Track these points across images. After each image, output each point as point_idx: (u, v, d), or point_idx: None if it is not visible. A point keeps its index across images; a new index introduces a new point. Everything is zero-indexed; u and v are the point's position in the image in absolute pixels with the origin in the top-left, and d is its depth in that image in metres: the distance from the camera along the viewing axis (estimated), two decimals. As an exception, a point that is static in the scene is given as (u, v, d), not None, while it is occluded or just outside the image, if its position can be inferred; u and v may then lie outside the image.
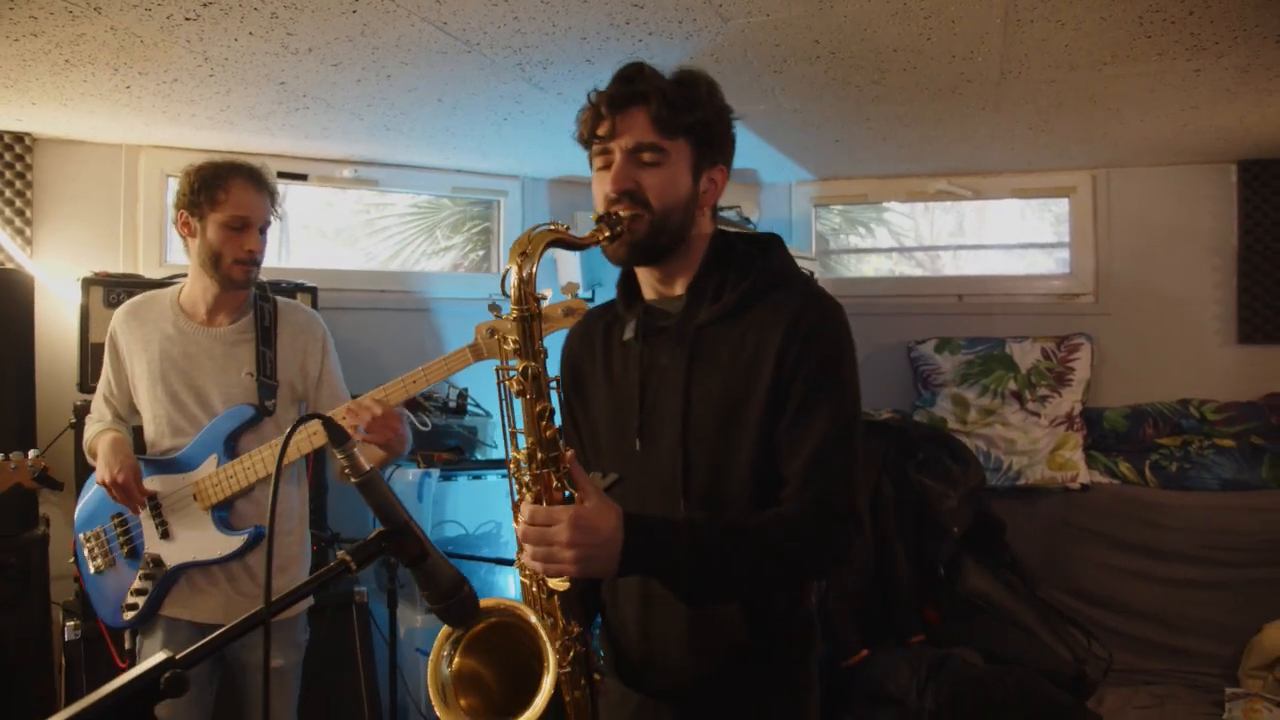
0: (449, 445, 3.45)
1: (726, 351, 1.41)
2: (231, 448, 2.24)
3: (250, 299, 2.33)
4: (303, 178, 3.52)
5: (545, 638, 1.31)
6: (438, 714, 1.34)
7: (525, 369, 1.30)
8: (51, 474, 2.40)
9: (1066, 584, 3.36)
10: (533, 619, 1.35)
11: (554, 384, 1.31)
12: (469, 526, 3.40)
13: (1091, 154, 3.66)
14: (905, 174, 4.08)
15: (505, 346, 1.33)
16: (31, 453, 2.31)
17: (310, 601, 2.45)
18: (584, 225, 1.48)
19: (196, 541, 2.23)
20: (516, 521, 1.34)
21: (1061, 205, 4.03)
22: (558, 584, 1.32)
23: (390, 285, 3.81)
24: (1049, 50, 2.47)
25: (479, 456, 3.50)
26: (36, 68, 2.48)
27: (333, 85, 2.69)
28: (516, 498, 1.36)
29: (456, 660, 1.36)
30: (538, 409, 1.29)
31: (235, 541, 2.22)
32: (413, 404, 3.38)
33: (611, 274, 4.45)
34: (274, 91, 2.73)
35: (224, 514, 2.24)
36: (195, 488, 2.21)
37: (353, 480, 1.14)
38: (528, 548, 1.26)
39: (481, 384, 3.72)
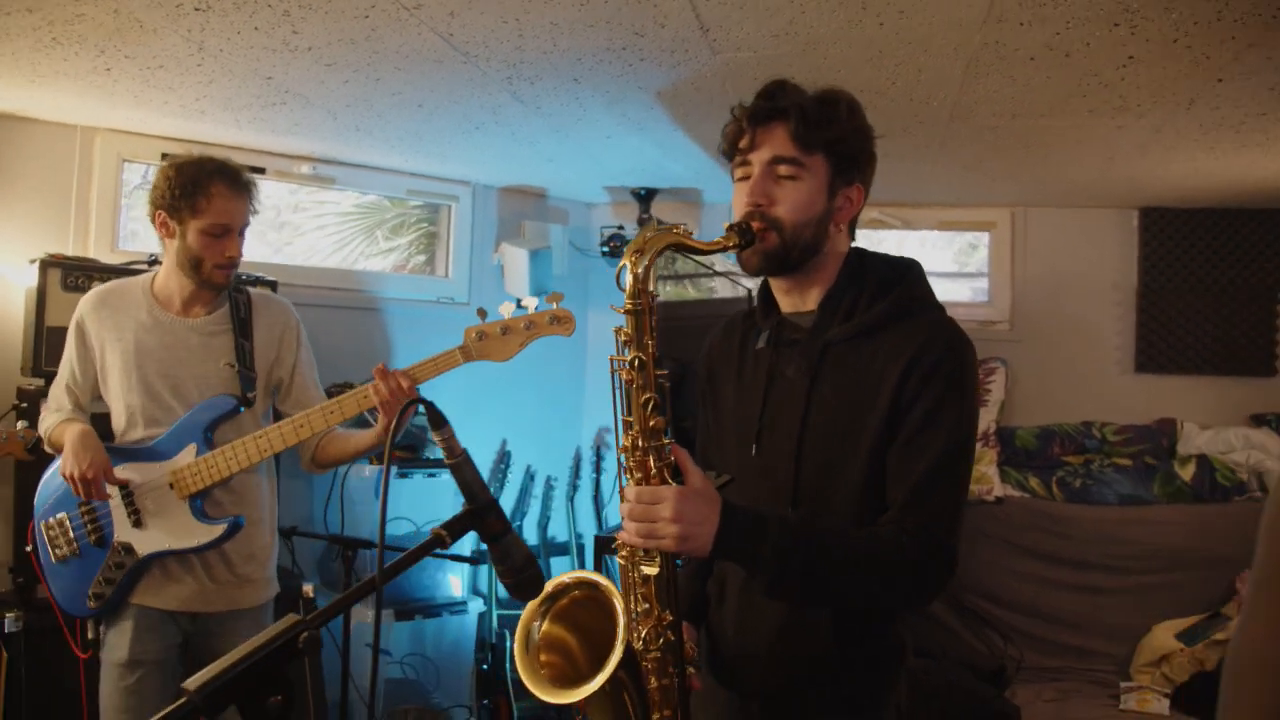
0: (402, 445, 3.49)
1: (852, 371, 1.44)
2: (209, 438, 2.25)
3: (225, 291, 2.36)
4: (260, 171, 3.51)
5: (620, 615, 1.39)
6: (518, 664, 1.43)
7: (635, 360, 1.37)
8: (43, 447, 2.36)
9: (982, 589, 3.61)
10: (616, 599, 1.42)
11: (661, 377, 1.38)
12: (418, 523, 3.45)
13: (1013, 193, 3.98)
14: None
15: (619, 339, 1.39)
16: (20, 424, 2.27)
17: (276, 589, 2.47)
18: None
19: (172, 530, 2.23)
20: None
21: (966, 238, 4.35)
22: (649, 568, 1.39)
23: (339, 283, 3.82)
24: (997, 100, 2.71)
25: (428, 456, 3.55)
26: (18, 43, 2.44)
27: (319, 84, 2.73)
28: (626, 483, 1.42)
29: (546, 625, 1.46)
30: (644, 398, 1.36)
31: (215, 530, 2.23)
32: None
33: (559, 284, 4.52)
34: (258, 86, 2.75)
35: (201, 503, 2.25)
36: (173, 476, 2.21)
37: (448, 461, 1.22)
38: (630, 524, 1.34)
39: (432, 387, 3.77)
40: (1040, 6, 2.08)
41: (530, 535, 4.26)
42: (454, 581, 3.48)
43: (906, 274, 1.52)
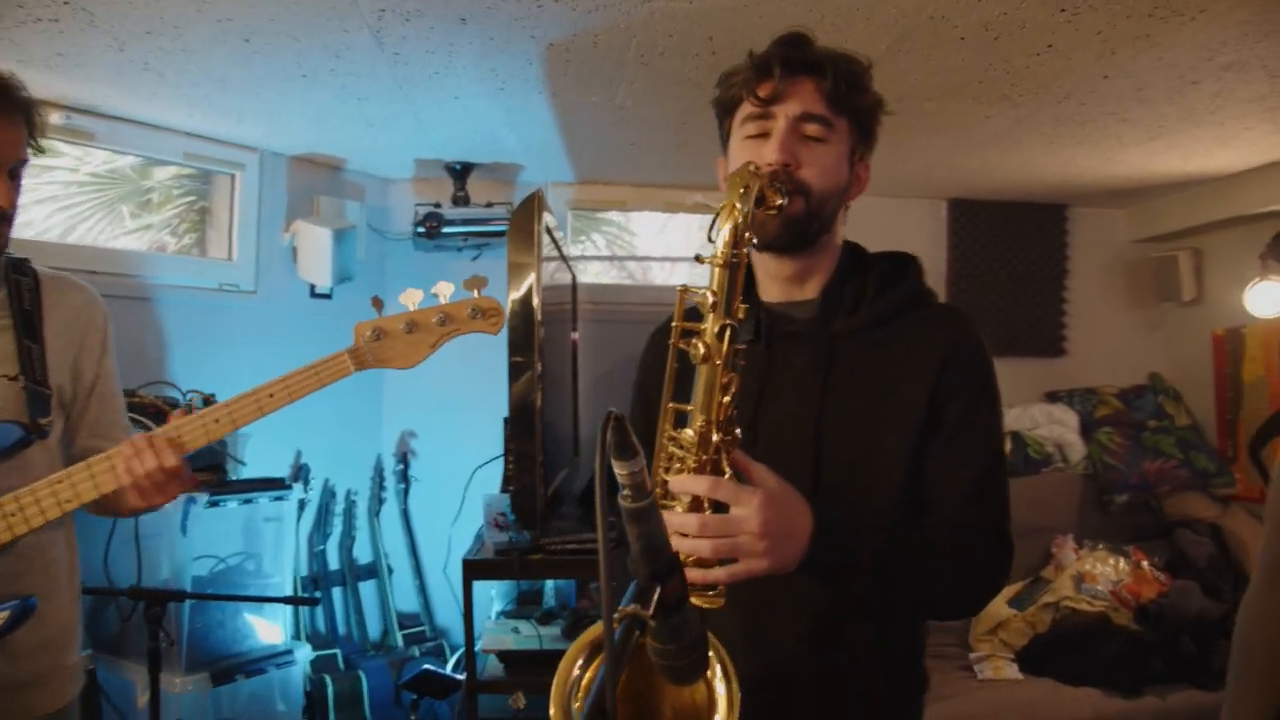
0: (200, 465, 2.82)
1: (871, 368, 1.32)
2: None
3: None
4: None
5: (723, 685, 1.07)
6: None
7: (722, 329, 1.09)
8: None
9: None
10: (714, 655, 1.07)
11: (740, 353, 1.13)
12: (224, 557, 2.81)
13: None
14: (667, 184, 4.15)
15: (698, 299, 1.11)
16: None
17: (83, 680, 1.82)
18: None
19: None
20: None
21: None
22: (713, 599, 1.11)
23: (92, 264, 3.02)
24: (898, 80, 2.65)
25: (234, 476, 2.92)
26: None
27: (121, -4, 2.10)
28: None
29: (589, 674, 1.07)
30: (724, 380, 1.10)
31: (-8, 617, 1.57)
32: (154, 412, 2.74)
33: (364, 268, 3.97)
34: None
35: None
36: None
37: (629, 504, 0.86)
38: (703, 543, 1.07)
39: (231, 386, 3.12)
40: (1013, -21, 2.02)
41: (333, 559, 3.69)
42: (268, 628, 2.88)
43: (910, 266, 1.42)
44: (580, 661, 1.06)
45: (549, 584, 3.44)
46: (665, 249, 4.86)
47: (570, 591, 3.40)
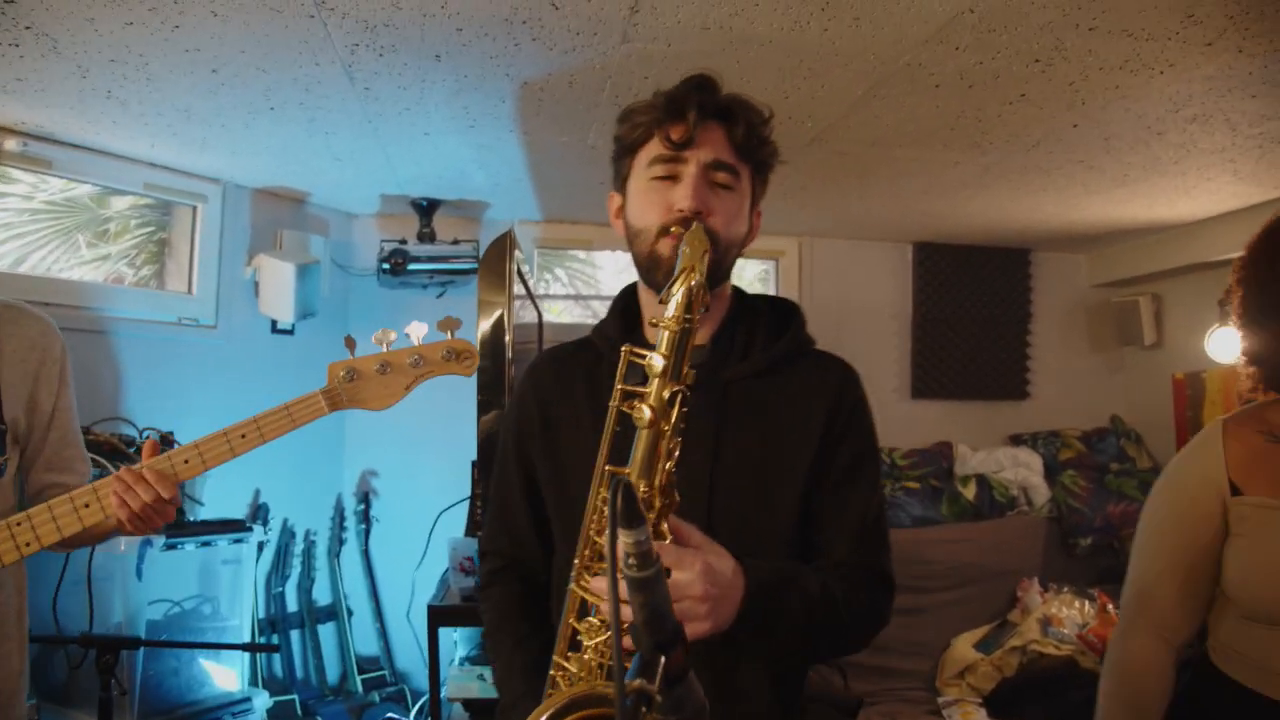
0: (154, 503, 2.72)
1: (763, 412, 1.33)
2: None
3: None
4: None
5: None
6: None
7: (674, 395, 1.08)
8: None
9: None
10: None
11: (681, 417, 1.12)
12: (180, 601, 2.71)
13: (802, 223, 4.03)
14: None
15: (644, 362, 1.10)
16: None
17: None
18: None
19: None
20: (583, 581, 1.16)
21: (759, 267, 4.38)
22: None
23: (46, 295, 2.92)
24: (871, 126, 2.67)
25: (191, 517, 2.82)
26: None
27: (85, 23, 2.03)
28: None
29: None
30: (667, 446, 1.10)
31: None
32: (109, 449, 2.65)
33: (327, 305, 3.92)
34: (-9, 16, 1.99)
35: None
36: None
37: (634, 573, 0.81)
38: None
39: (189, 424, 3.03)
40: (988, 33, 2.04)
41: (291, 601, 3.58)
42: (224, 674, 2.77)
43: (795, 314, 1.45)
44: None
45: (514, 629, 3.36)
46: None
47: (536, 637, 3.32)
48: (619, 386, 1.14)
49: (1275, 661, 1.37)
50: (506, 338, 2.77)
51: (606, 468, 1.15)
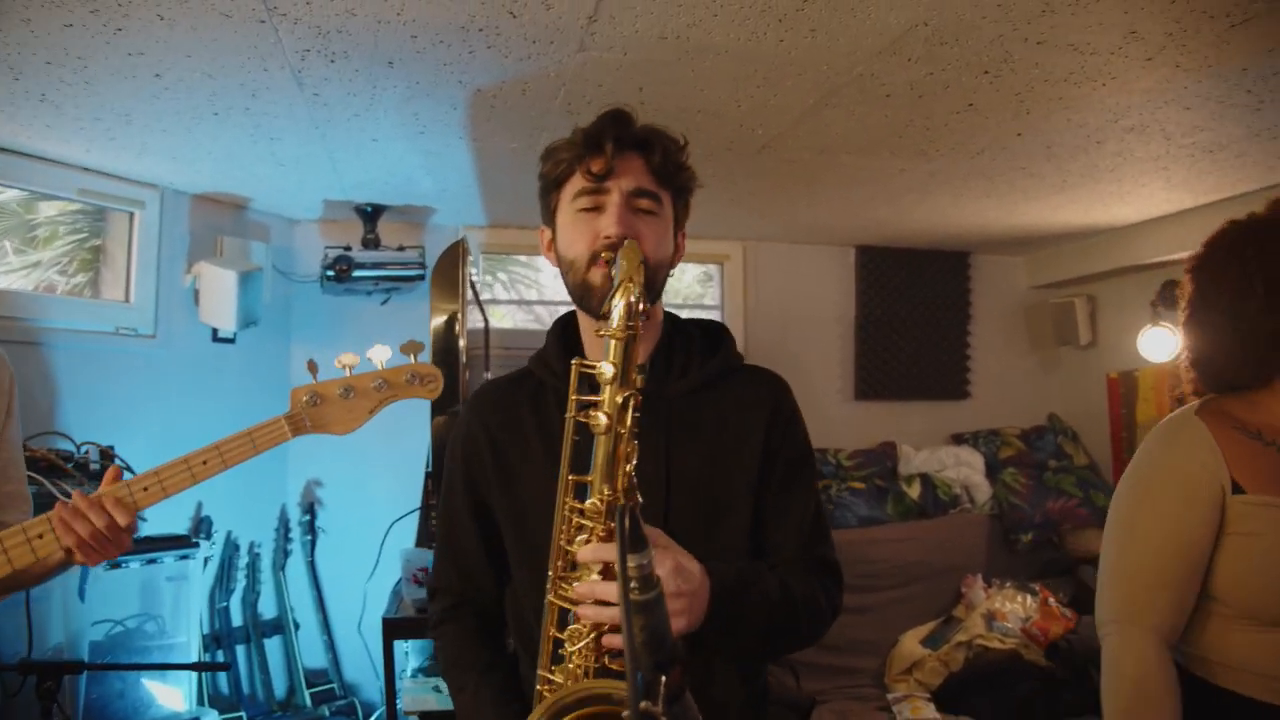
0: (94, 521, 2.63)
1: (706, 426, 1.40)
2: None
3: None
4: None
5: None
6: None
7: (626, 400, 1.15)
8: None
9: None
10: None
11: (635, 423, 1.18)
12: (124, 620, 2.62)
13: (747, 228, 4.07)
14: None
15: (595, 371, 1.18)
16: None
17: None
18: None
19: None
20: (557, 591, 1.21)
21: (701, 270, 4.40)
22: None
23: (-26, 307, 2.82)
24: (821, 134, 2.71)
25: (139, 535, 2.73)
26: None
27: (23, 23, 1.95)
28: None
29: None
30: (625, 449, 1.16)
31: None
32: (46, 465, 2.55)
33: (269, 312, 3.85)
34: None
35: None
36: None
37: (637, 596, 0.82)
38: (618, 612, 1.08)
39: (129, 436, 2.94)
40: (940, 46, 2.08)
41: (236, 616, 3.49)
42: (170, 693, 2.69)
43: (724, 335, 1.52)
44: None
45: (467, 638, 3.33)
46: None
47: (491, 646, 3.29)
48: (573, 397, 1.20)
49: (1264, 664, 1.36)
50: (461, 343, 2.75)
51: (570, 477, 1.20)
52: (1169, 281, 3.85)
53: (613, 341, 1.16)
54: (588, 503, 1.17)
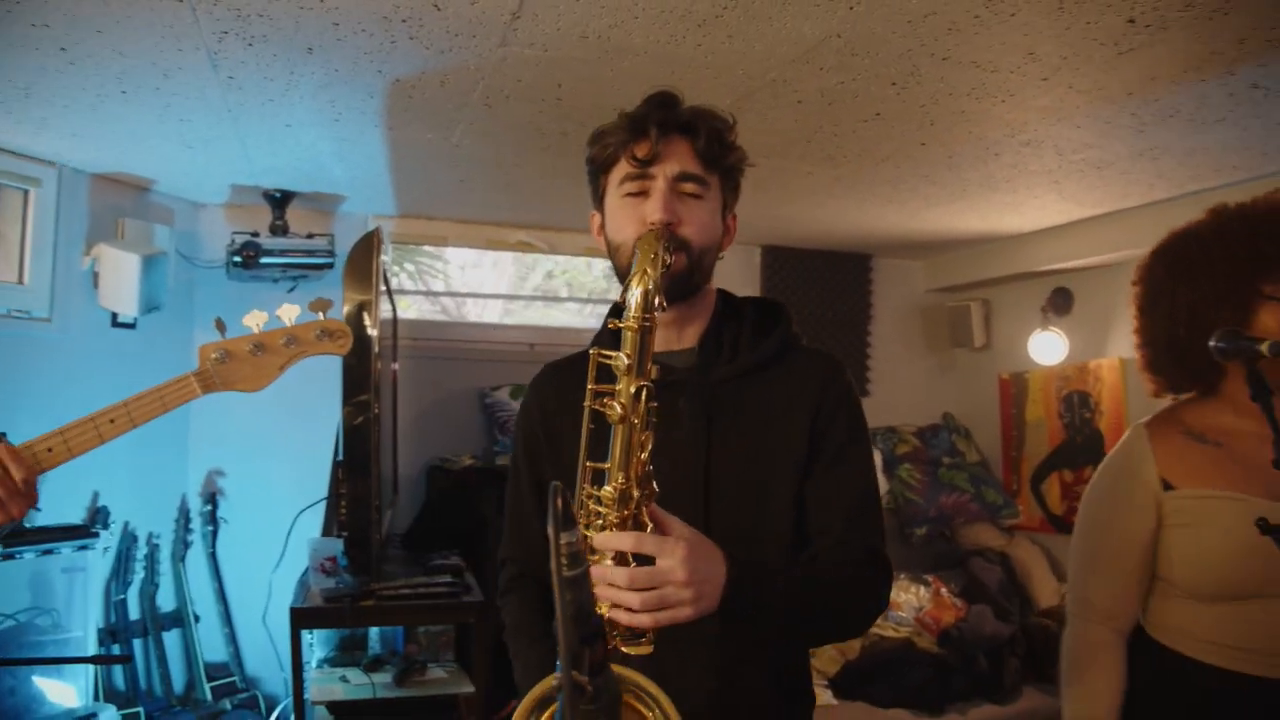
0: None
1: (752, 411, 1.39)
2: None
3: None
4: None
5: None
6: None
7: (639, 390, 1.14)
8: None
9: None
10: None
11: (652, 411, 1.17)
12: (13, 614, 2.53)
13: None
14: (489, 222, 4.13)
15: (612, 362, 1.16)
16: None
17: None
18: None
19: None
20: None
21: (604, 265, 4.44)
22: (642, 647, 1.15)
23: None
24: (745, 129, 2.78)
25: (28, 523, 2.64)
26: None
27: (-76, -3, 1.89)
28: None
29: None
30: (640, 439, 1.16)
31: None
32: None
33: (171, 298, 3.75)
34: None
35: None
36: None
37: (566, 573, 0.87)
38: (631, 596, 1.10)
39: (21, 422, 2.82)
40: (852, 56, 2.17)
41: (134, 609, 3.40)
42: (64, 690, 2.61)
43: (782, 313, 1.50)
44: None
45: (373, 630, 3.31)
46: (477, 283, 4.82)
47: (398, 637, 3.28)
48: (590, 387, 1.19)
49: (1214, 634, 1.51)
50: (372, 333, 2.73)
51: (587, 464, 1.19)
52: (1059, 288, 4.08)
53: (628, 333, 1.16)
54: (603, 490, 1.17)
